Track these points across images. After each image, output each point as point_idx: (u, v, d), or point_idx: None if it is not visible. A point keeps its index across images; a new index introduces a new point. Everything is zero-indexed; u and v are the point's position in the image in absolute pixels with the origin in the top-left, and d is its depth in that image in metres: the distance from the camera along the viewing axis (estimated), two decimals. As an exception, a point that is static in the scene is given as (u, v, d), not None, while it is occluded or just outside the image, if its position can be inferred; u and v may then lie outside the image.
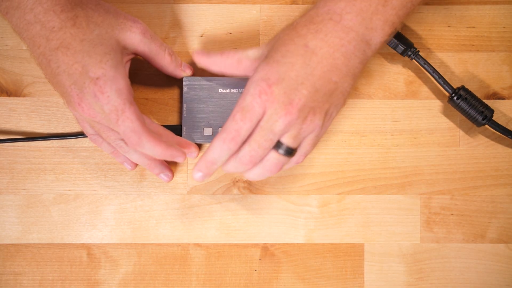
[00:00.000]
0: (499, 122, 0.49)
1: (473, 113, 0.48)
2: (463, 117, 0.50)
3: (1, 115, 0.50)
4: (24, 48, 0.50)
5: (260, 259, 0.50)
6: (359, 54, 0.40)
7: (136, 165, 0.49)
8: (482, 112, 0.48)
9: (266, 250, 0.50)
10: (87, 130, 0.46)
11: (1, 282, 0.49)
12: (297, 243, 0.50)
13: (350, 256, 0.50)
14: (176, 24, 0.51)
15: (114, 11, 0.42)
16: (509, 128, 0.49)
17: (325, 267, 0.50)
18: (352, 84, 0.41)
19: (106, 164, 0.50)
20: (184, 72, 0.47)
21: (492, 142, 0.50)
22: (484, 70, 0.50)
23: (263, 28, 0.51)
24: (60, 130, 0.50)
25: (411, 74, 0.51)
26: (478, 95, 0.50)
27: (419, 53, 0.48)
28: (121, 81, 0.39)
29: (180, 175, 0.50)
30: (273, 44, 0.41)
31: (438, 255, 0.50)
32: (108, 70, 0.39)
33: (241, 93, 0.47)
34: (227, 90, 0.47)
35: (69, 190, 0.50)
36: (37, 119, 0.50)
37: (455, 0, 0.51)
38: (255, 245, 0.50)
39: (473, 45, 0.51)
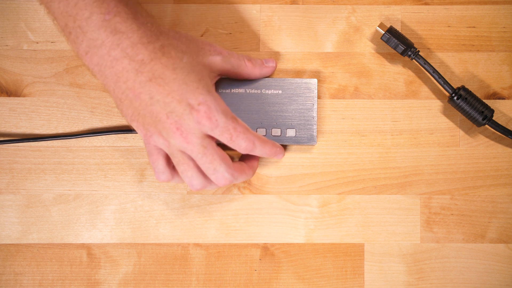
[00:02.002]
0: (499, 122, 0.49)
1: (473, 113, 0.48)
2: (463, 117, 0.50)
3: (1, 115, 0.50)
4: (25, 48, 0.50)
5: (260, 259, 0.50)
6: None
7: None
8: (482, 112, 0.48)
9: (266, 250, 0.50)
10: (159, 166, 0.43)
11: (1, 282, 0.49)
12: (297, 243, 0.50)
13: (350, 256, 0.50)
14: (176, 24, 0.51)
15: (191, 37, 0.43)
16: (509, 128, 0.49)
17: (325, 267, 0.50)
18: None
19: (106, 164, 0.50)
20: (270, 68, 0.48)
21: (492, 142, 0.50)
22: (484, 70, 0.50)
23: (263, 28, 0.51)
24: (60, 130, 0.50)
25: (411, 74, 0.51)
26: (478, 95, 0.50)
27: (419, 53, 0.48)
28: (221, 102, 0.40)
29: (180, 175, 0.50)
30: None
31: (438, 255, 0.50)
32: (207, 95, 0.39)
33: (242, 93, 0.47)
34: (227, 90, 0.47)
35: (69, 190, 0.50)
36: (37, 119, 0.50)
37: (455, 0, 0.51)
38: (255, 245, 0.50)
39: (473, 45, 0.51)
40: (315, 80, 0.48)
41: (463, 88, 0.48)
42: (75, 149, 0.50)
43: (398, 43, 0.48)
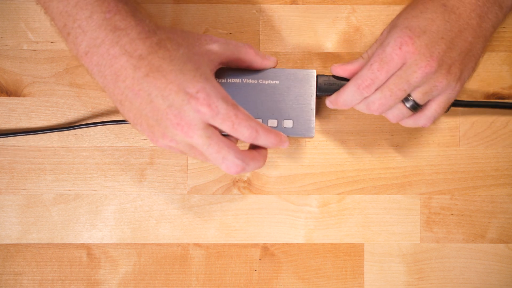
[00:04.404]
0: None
1: None
2: (463, 117, 0.50)
3: (1, 115, 0.50)
4: (25, 48, 0.50)
5: (260, 259, 0.50)
6: (492, 17, 0.42)
7: None
8: None
9: (266, 250, 0.50)
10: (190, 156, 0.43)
11: (1, 282, 0.49)
12: (297, 243, 0.50)
13: (350, 256, 0.50)
14: (176, 24, 0.51)
15: (188, 31, 0.43)
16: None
17: (325, 267, 0.50)
18: (483, 47, 0.42)
19: (106, 164, 0.50)
20: (272, 62, 0.46)
21: (492, 142, 0.50)
22: (484, 70, 0.50)
23: (263, 28, 0.51)
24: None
25: (411, 74, 0.51)
26: (478, 95, 0.50)
27: None
28: (221, 89, 0.39)
29: (180, 175, 0.50)
30: (401, 13, 0.43)
31: (438, 255, 0.50)
32: (205, 83, 0.38)
33: (238, 83, 0.46)
34: (223, 80, 0.46)
35: (69, 190, 0.50)
36: (37, 119, 0.50)
37: (455, 0, 0.51)
38: (255, 245, 0.50)
39: (473, 45, 0.51)
40: (314, 71, 0.46)
41: None
42: (75, 149, 0.50)
43: (333, 92, 0.46)
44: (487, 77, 0.50)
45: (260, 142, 0.40)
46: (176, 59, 0.38)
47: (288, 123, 0.46)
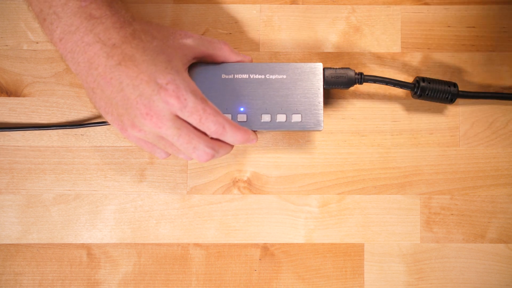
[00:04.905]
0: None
1: (440, 95, 0.47)
2: (463, 117, 0.50)
3: (1, 115, 0.50)
4: (25, 48, 0.50)
5: (260, 259, 0.50)
6: None
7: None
8: (448, 90, 0.47)
9: (266, 250, 0.50)
10: (158, 153, 0.44)
11: (1, 282, 0.49)
12: (297, 243, 0.50)
13: (350, 256, 0.50)
14: (176, 24, 0.51)
15: (164, 25, 0.43)
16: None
17: (325, 267, 0.50)
18: None
19: (106, 164, 0.50)
20: (246, 58, 0.47)
21: (492, 142, 0.50)
22: (484, 70, 0.50)
23: (263, 28, 0.51)
24: (60, 131, 0.50)
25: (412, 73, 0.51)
26: (478, 95, 0.50)
27: (364, 74, 0.47)
28: (192, 83, 0.40)
29: (180, 175, 0.50)
30: None
31: (438, 255, 0.50)
32: (176, 75, 0.39)
33: (246, 78, 0.46)
34: (231, 76, 0.47)
35: (69, 190, 0.50)
36: (37, 119, 0.50)
37: (454, 0, 0.51)
38: (255, 245, 0.50)
39: (473, 45, 0.51)
40: (321, 65, 0.46)
41: (420, 79, 0.48)
42: (75, 149, 0.50)
43: (340, 85, 0.47)
44: (487, 77, 0.50)
45: (227, 138, 0.41)
46: (149, 50, 0.39)
47: (296, 117, 0.46)
